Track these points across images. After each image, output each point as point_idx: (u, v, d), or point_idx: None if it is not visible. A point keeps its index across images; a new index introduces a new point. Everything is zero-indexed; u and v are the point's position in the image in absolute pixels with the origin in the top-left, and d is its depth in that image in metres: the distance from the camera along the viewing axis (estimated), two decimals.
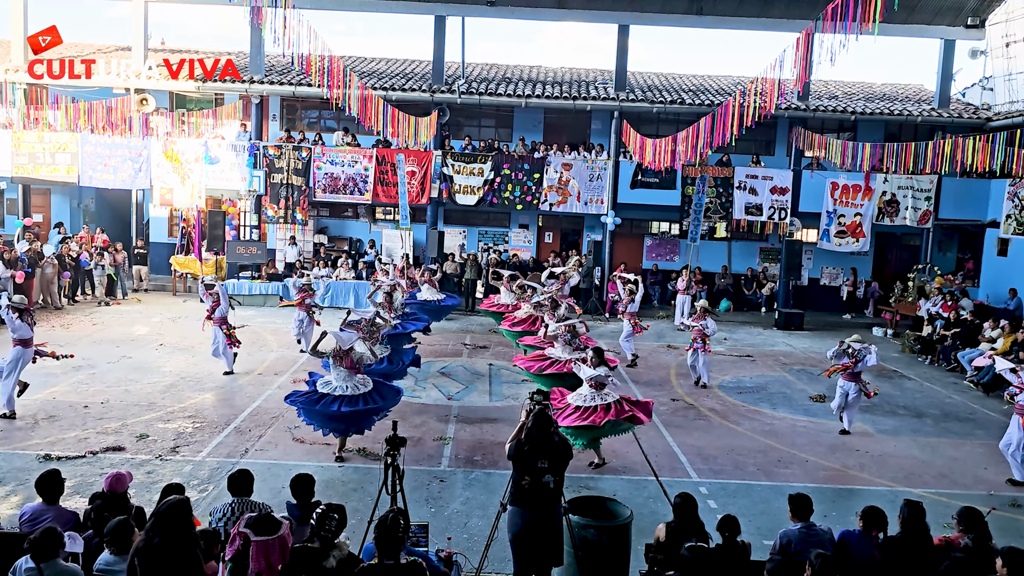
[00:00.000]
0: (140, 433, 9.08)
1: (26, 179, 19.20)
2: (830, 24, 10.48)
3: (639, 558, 5.87)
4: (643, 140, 17.58)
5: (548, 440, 5.32)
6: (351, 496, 7.53)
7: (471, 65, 22.84)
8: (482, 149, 19.91)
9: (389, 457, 5.68)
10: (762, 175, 19.34)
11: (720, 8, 19.47)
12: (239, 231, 20.71)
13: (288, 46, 12.67)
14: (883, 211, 19.26)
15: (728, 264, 20.86)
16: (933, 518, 5.37)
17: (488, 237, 21.57)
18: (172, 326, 15.34)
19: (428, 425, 9.90)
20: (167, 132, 19.13)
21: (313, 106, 21.26)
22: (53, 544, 4.23)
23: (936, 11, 19.26)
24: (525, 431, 5.36)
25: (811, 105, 19.34)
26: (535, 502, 5.30)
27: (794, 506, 5.37)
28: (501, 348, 14.79)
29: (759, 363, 14.28)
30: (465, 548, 6.33)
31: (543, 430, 5.32)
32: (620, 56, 19.94)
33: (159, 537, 3.99)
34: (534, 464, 5.29)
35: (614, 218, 19.22)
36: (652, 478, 7.51)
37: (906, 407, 11.85)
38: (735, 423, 10.64)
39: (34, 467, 7.70)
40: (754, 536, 6.39)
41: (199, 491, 7.48)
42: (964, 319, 15.43)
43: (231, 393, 11.03)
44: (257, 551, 4.32)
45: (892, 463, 9.30)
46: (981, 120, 19.16)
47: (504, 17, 19.97)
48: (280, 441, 9.07)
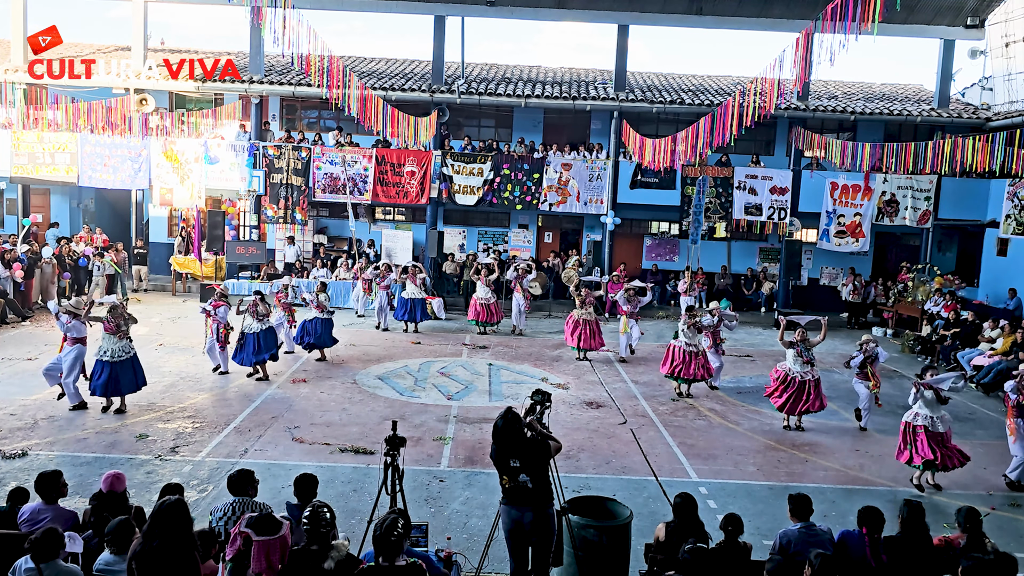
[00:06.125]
0: (140, 433, 9.08)
1: (26, 179, 19.20)
2: (830, 24, 10.49)
3: (639, 558, 5.87)
4: (643, 140, 17.59)
5: (519, 439, 5.29)
6: (351, 496, 7.53)
7: (471, 65, 22.84)
8: (482, 149, 19.91)
9: (389, 457, 5.67)
10: (762, 175, 19.34)
11: (720, 8, 19.47)
12: (239, 231, 20.70)
13: (288, 46, 12.69)
14: (883, 211, 19.26)
15: (728, 264, 20.86)
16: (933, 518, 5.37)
17: (488, 237, 21.57)
18: (172, 326, 15.33)
19: (428, 425, 9.90)
20: (166, 132, 19.10)
21: (313, 106, 21.26)
22: (53, 544, 4.23)
23: (936, 11, 19.26)
24: (495, 430, 5.35)
25: (811, 105, 19.34)
26: (520, 501, 5.30)
27: (794, 506, 5.37)
28: (501, 348, 14.79)
29: (759, 363, 14.28)
30: (465, 548, 6.33)
31: (512, 429, 5.29)
32: (620, 56, 19.94)
33: (157, 539, 3.99)
34: (507, 463, 5.28)
35: (614, 218, 19.22)
36: (652, 478, 7.51)
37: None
38: (735, 423, 10.65)
39: (34, 467, 7.70)
40: (754, 536, 6.39)
41: (198, 491, 7.48)
42: (964, 319, 15.43)
43: (231, 393, 11.03)
44: (259, 551, 4.31)
45: (892, 463, 9.28)
46: (981, 120, 19.16)
47: (504, 17, 19.97)
48: (280, 441, 9.07)
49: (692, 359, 11.63)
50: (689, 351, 11.63)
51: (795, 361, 10.29)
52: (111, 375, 9.66)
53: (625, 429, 9.90)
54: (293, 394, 11.08)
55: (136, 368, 10.00)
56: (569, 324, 14.16)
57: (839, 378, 12.74)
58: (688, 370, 11.64)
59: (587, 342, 13.83)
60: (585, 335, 13.82)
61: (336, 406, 10.55)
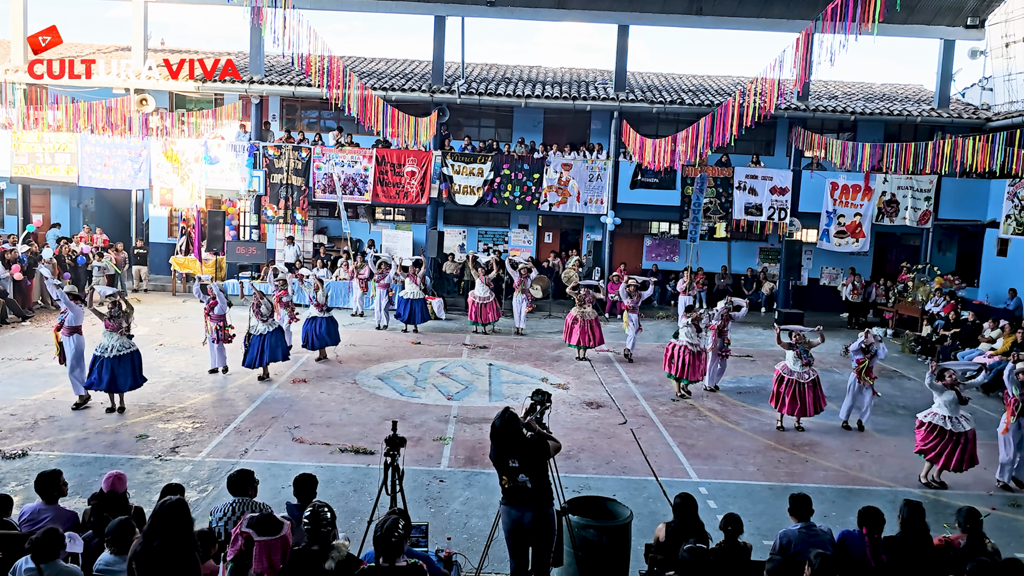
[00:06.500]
0: (139, 433, 9.08)
1: (26, 179, 19.19)
2: (830, 24, 10.49)
3: (639, 558, 5.87)
4: (643, 140, 17.59)
5: (517, 439, 5.29)
6: (351, 496, 7.53)
7: (471, 65, 22.84)
8: (482, 149, 19.91)
9: (389, 457, 5.68)
10: (762, 175, 19.34)
11: (720, 8, 19.46)
12: (239, 231, 20.69)
13: (288, 46, 12.68)
14: (883, 211, 19.26)
15: (728, 264, 20.85)
16: (933, 518, 5.37)
17: (488, 237, 21.57)
18: (172, 326, 15.33)
19: (428, 425, 9.90)
20: (166, 132, 19.10)
21: (313, 106, 21.25)
22: (54, 545, 4.23)
23: (936, 11, 19.26)
24: (493, 430, 5.35)
25: (811, 105, 19.34)
26: (519, 501, 5.30)
27: (794, 506, 5.37)
28: (501, 348, 14.79)
29: (759, 363, 14.28)
30: (465, 548, 6.34)
31: (509, 429, 5.29)
32: (620, 56, 19.94)
33: (158, 539, 3.99)
34: (506, 464, 5.28)
35: (614, 218, 19.22)
36: (652, 478, 7.51)
37: (906, 407, 11.84)
38: (735, 423, 10.65)
39: (34, 467, 7.70)
40: (754, 536, 6.40)
41: (199, 491, 7.48)
42: (964, 319, 15.43)
43: (231, 393, 11.03)
44: (260, 551, 4.31)
45: (892, 463, 9.30)
46: (981, 120, 19.16)
47: (504, 17, 19.96)
48: (280, 441, 9.07)
49: (695, 360, 11.65)
50: (693, 351, 11.65)
51: (795, 362, 10.31)
52: (111, 372, 9.67)
53: (625, 429, 9.91)
54: (293, 394, 11.08)
55: (136, 364, 9.99)
56: (568, 322, 14.18)
57: (839, 378, 12.74)
58: (695, 373, 11.69)
59: (586, 340, 13.84)
60: (584, 333, 13.84)
61: (336, 406, 10.55)
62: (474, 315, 16.06)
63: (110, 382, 9.67)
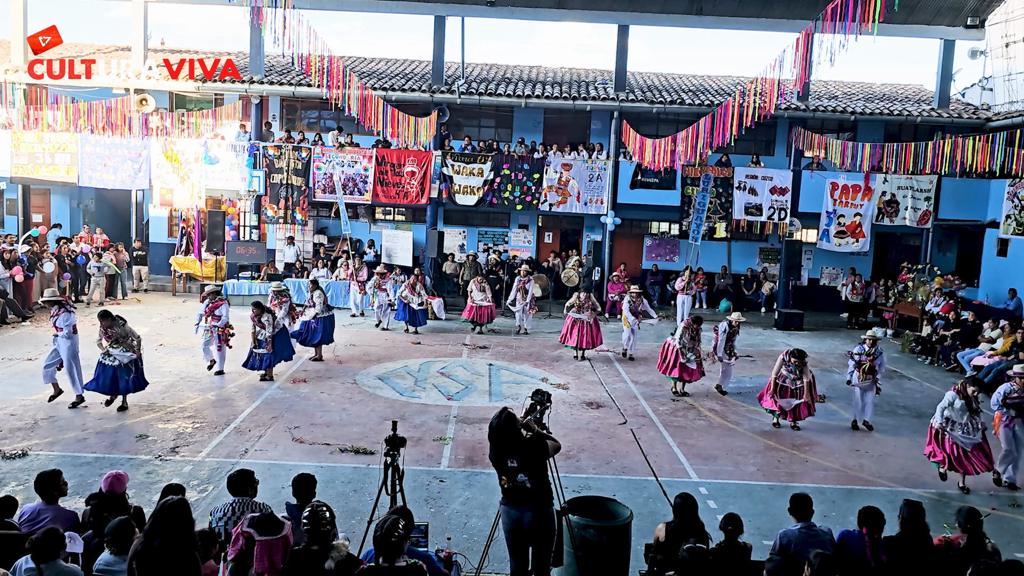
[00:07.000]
0: (140, 433, 9.08)
1: (26, 179, 19.19)
2: (830, 24, 10.49)
3: (639, 558, 5.87)
4: (643, 140, 17.59)
5: (515, 439, 5.29)
6: (351, 496, 7.53)
7: (471, 65, 22.84)
8: (482, 149, 19.91)
9: (389, 457, 5.68)
10: (762, 175, 19.35)
11: (720, 8, 19.47)
12: (239, 231, 20.69)
13: (288, 46, 12.69)
14: (883, 211, 19.27)
15: (728, 264, 20.86)
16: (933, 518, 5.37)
17: (488, 237, 21.57)
18: (172, 326, 15.33)
19: (428, 425, 9.90)
20: (166, 132, 19.10)
21: (313, 106, 21.26)
22: (54, 545, 4.23)
23: (936, 11, 19.27)
24: (491, 430, 5.35)
25: (811, 105, 19.34)
26: (519, 501, 5.30)
27: (794, 506, 5.37)
28: (501, 348, 14.80)
29: (759, 363, 14.28)
30: (465, 548, 6.34)
31: (508, 429, 5.29)
32: (620, 56, 19.95)
33: (159, 539, 3.99)
34: (504, 464, 5.28)
35: (614, 218, 19.22)
36: (652, 478, 7.51)
37: (906, 407, 11.85)
38: (735, 423, 10.65)
39: (34, 467, 7.70)
40: (754, 536, 6.39)
41: (199, 491, 7.48)
42: (964, 319, 15.43)
43: (231, 393, 11.03)
44: (261, 551, 4.32)
45: (892, 463, 9.30)
46: (981, 120, 19.16)
47: (504, 17, 19.97)
48: (280, 441, 9.07)
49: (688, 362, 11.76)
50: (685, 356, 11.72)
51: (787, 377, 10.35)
52: (112, 377, 9.68)
53: (625, 429, 9.91)
54: (293, 394, 11.08)
55: (138, 370, 9.94)
56: (567, 323, 14.18)
57: (839, 378, 12.74)
58: (693, 375, 11.80)
59: (585, 341, 13.85)
60: (583, 333, 13.85)
61: (336, 406, 10.55)
62: (470, 314, 16.06)
63: (111, 387, 9.67)
